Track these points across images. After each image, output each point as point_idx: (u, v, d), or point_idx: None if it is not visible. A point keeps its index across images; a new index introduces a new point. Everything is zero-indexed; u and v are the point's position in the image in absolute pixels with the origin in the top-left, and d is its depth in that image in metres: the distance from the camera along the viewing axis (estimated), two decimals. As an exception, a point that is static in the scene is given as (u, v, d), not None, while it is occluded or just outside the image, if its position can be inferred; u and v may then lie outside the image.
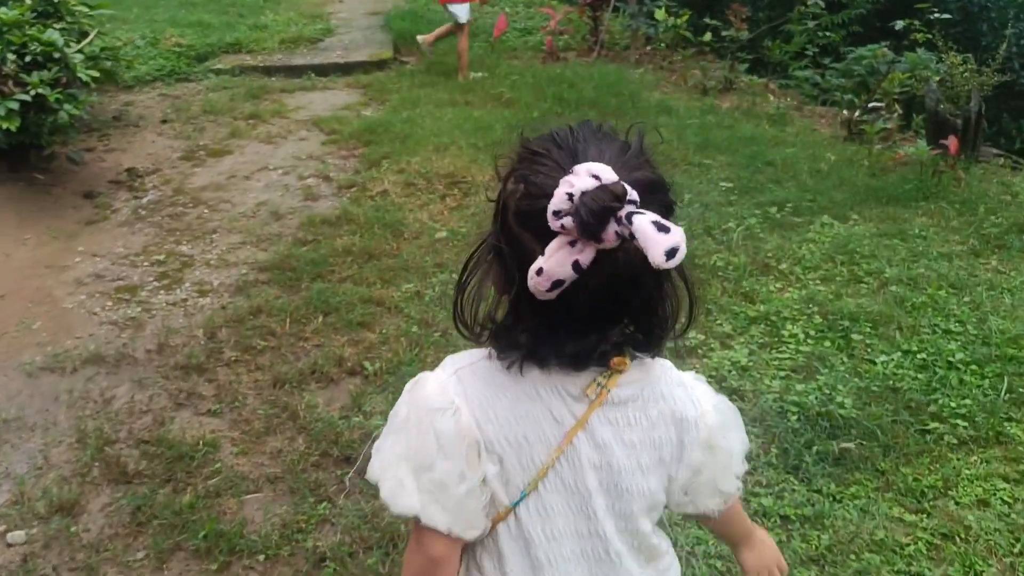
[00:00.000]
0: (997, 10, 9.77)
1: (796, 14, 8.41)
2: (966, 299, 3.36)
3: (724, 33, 6.88)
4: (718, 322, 3.33)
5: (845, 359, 2.99)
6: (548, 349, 1.01)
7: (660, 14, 7.94)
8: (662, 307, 1.02)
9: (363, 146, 5.83)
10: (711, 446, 1.12)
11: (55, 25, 5.21)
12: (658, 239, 0.85)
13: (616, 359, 1.02)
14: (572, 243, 0.90)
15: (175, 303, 3.75)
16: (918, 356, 2.97)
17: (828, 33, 7.84)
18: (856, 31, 8.44)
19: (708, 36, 7.91)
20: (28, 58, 4.79)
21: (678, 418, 1.10)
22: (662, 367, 1.11)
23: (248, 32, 8.63)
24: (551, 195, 0.90)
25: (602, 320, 1.00)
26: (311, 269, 3.94)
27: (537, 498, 1.06)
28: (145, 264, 4.17)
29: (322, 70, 7.79)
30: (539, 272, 0.91)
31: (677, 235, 0.86)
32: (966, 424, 2.60)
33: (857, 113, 5.61)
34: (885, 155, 5.06)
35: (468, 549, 1.11)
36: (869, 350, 3.04)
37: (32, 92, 4.63)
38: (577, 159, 0.94)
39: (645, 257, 0.85)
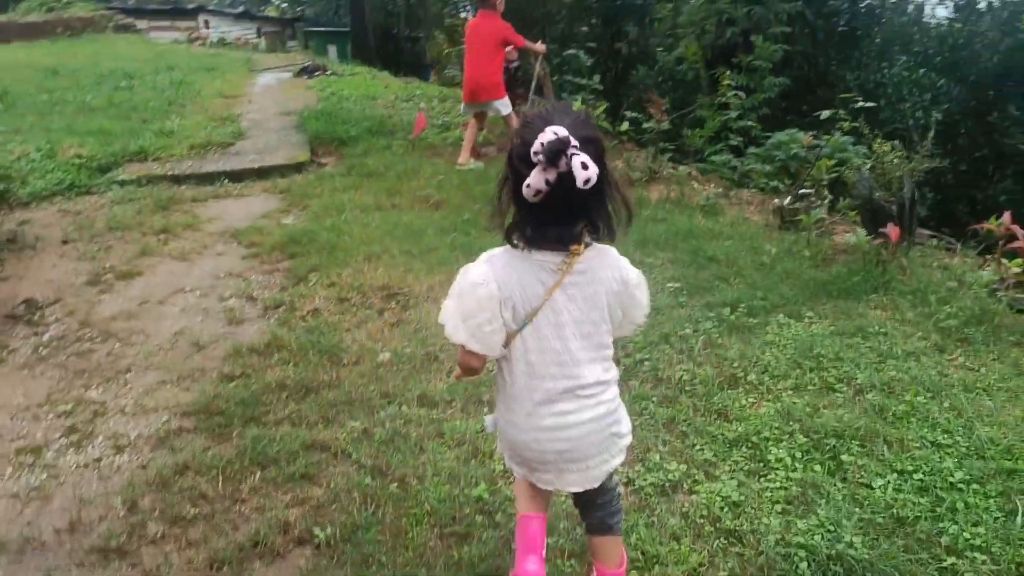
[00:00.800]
0: (893, 86, 10.29)
1: (706, 101, 8.62)
2: (946, 404, 3.23)
3: (645, 125, 6.90)
4: (697, 447, 3.10)
5: (840, 485, 2.79)
6: (539, 234, 1.89)
7: (577, 105, 7.97)
8: (606, 212, 1.89)
9: (288, 259, 5.49)
10: (633, 295, 2.04)
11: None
12: (580, 173, 1.72)
13: (574, 246, 1.89)
14: (544, 169, 1.74)
15: (87, 464, 3.29)
16: (914, 476, 2.79)
17: (746, 122, 8.00)
18: (764, 113, 8.68)
19: (626, 126, 7.97)
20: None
21: (621, 277, 2.01)
22: (612, 253, 2.01)
23: (153, 139, 8.24)
24: (532, 143, 1.76)
25: (569, 217, 1.87)
26: (242, 411, 3.55)
27: (533, 327, 1.95)
28: (50, 416, 3.69)
29: (236, 176, 7.45)
30: (528, 186, 1.76)
31: (592, 171, 1.73)
32: (984, 557, 2.41)
33: (788, 200, 5.62)
34: (824, 244, 5.04)
35: (498, 362, 2.05)
36: (863, 472, 2.85)
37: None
38: (548, 124, 1.78)
39: (587, 180, 1.73)
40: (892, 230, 4.56)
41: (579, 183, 1.72)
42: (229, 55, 19.03)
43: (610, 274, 1.98)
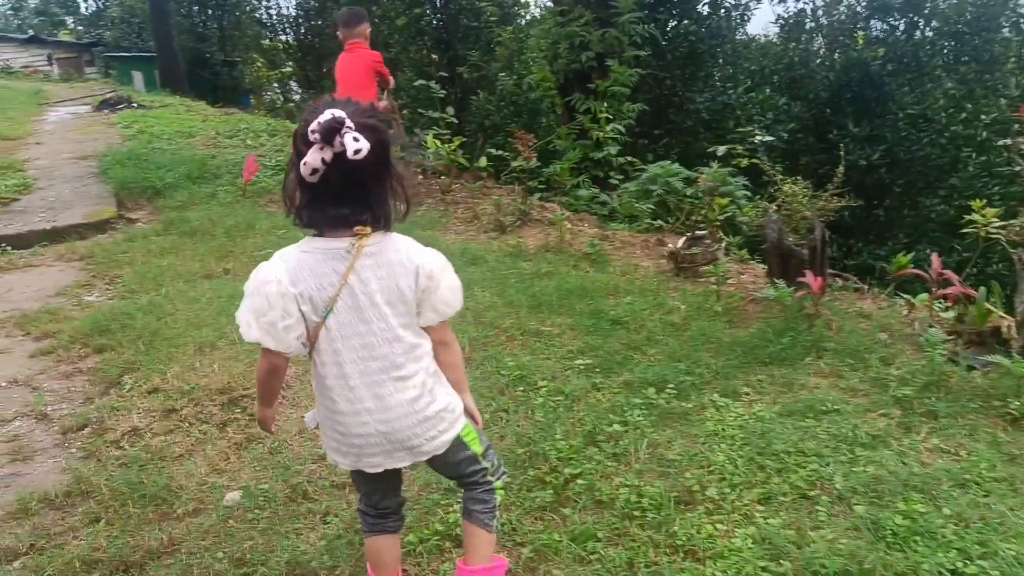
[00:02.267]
0: (740, 107, 10.23)
1: (563, 131, 8.08)
2: (946, 511, 2.69)
3: (514, 163, 6.21)
4: (676, 610, 2.38)
5: (872, 656, 2.15)
6: (319, 214, 1.92)
7: (431, 141, 7.18)
8: (383, 199, 1.94)
9: (94, 354, 4.35)
10: (431, 278, 2.00)
11: None
12: (351, 144, 1.78)
13: (358, 228, 1.92)
14: (320, 147, 1.80)
15: None
16: (956, 632, 2.20)
17: (608, 151, 7.50)
18: (625, 141, 8.23)
19: (484, 161, 7.27)
20: None
21: (412, 262, 1.99)
22: (400, 238, 2.02)
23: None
24: (312, 124, 1.81)
25: (349, 198, 1.90)
26: (31, 622, 2.48)
27: (334, 314, 1.95)
28: None
29: (22, 241, 6.10)
30: (304, 164, 1.82)
31: (363, 144, 1.80)
32: None
33: (682, 243, 5.08)
34: (735, 297, 4.51)
35: (311, 358, 2.03)
36: (894, 633, 2.22)
37: None
38: (329, 108, 1.83)
39: (368, 160, 1.80)
40: (813, 280, 4.08)
41: (349, 153, 1.78)
42: (14, 86, 16.79)
43: (399, 257, 1.98)
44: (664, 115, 9.18)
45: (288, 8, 21.48)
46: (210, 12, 25.79)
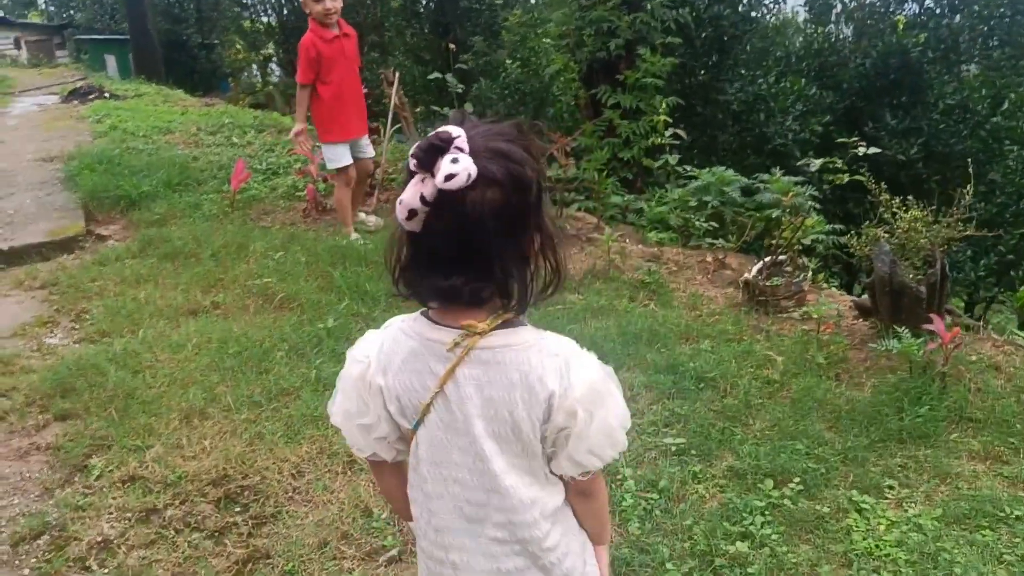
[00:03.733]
0: (774, 98, 9.42)
1: (589, 127, 7.26)
2: None
3: (549, 174, 5.38)
4: None
5: None
6: (420, 283, 1.26)
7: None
8: (519, 268, 1.24)
9: (55, 422, 3.51)
10: (573, 415, 1.26)
11: None
12: (445, 168, 1.14)
13: (469, 322, 1.24)
14: (421, 179, 1.17)
15: None
16: None
17: (641, 148, 6.69)
18: (657, 143, 7.43)
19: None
20: None
21: (544, 386, 1.25)
22: (536, 335, 1.31)
23: None
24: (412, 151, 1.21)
25: (464, 262, 1.21)
26: None
27: (425, 428, 1.32)
28: None
29: (-28, 264, 5.21)
30: (400, 202, 1.19)
31: (461, 168, 1.13)
32: None
33: (757, 271, 4.30)
34: (837, 343, 3.73)
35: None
36: None
37: None
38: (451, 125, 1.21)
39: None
40: (945, 330, 3.31)
41: (438, 180, 1.13)
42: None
43: (521, 375, 1.26)
44: (691, 108, 8.39)
45: (269, -12, 20.41)
46: (185, -8, 24.67)
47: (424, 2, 12.78)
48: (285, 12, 20.30)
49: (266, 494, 2.97)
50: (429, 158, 1.16)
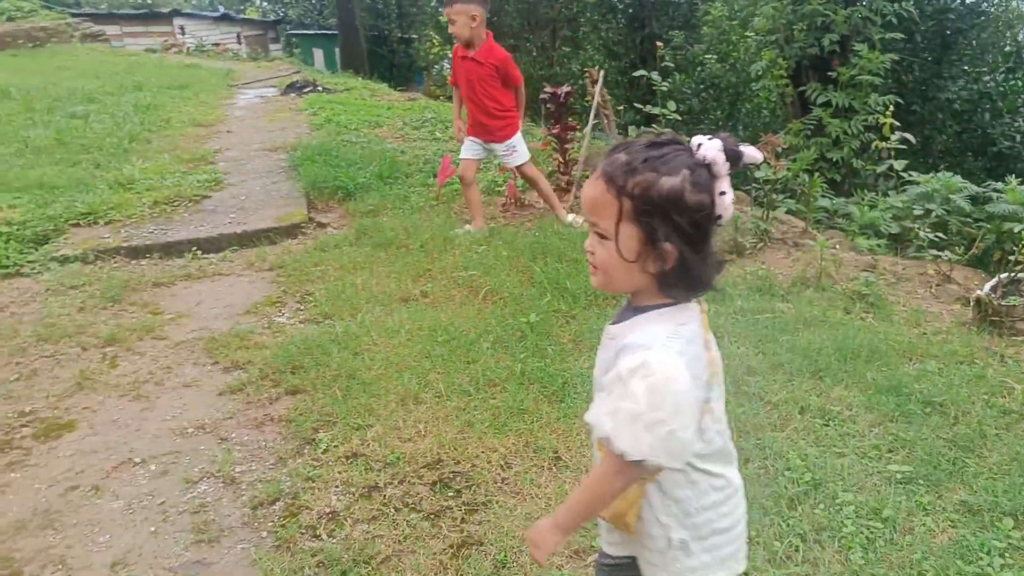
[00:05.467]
0: (1002, 97, 8.61)
1: (796, 126, 6.95)
2: None
3: (759, 175, 5.21)
4: None
5: None
6: (708, 272, 1.44)
7: (634, 133, 6.27)
8: None
9: (286, 396, 3.82)
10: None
11: None
12: (754, 153, 1.42)
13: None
14: (726, 178, 1.40)
15: None
16: None
17: (851, 146, 6.34)
18: (869, 139, 7.01)
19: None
20: None
21: None
22: None
23: (107, 192, 6.52)
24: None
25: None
26: None
27: (713, 391, 1.49)
28: None
29: (211, 244, 5.76)
30: (727, 200, 1.39)
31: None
32: None
33: (990, 287, 3.97)
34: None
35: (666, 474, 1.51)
36: None
37: None
38: (676, 140, 1.47)
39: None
40: None
41: (759, 158, 1.44)
42: (206, 66, 17.25)
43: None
44: (906, 107, 7.83)
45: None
46: (390, -11, 25.92)
47: (621, -4, 12.77)
48: (480, 7, 20.87)
49: (477, 482, 3.09)
50: (738, 158, 1.39)
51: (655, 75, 5.76)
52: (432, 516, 2.95)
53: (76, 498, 3.19)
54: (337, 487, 3.13)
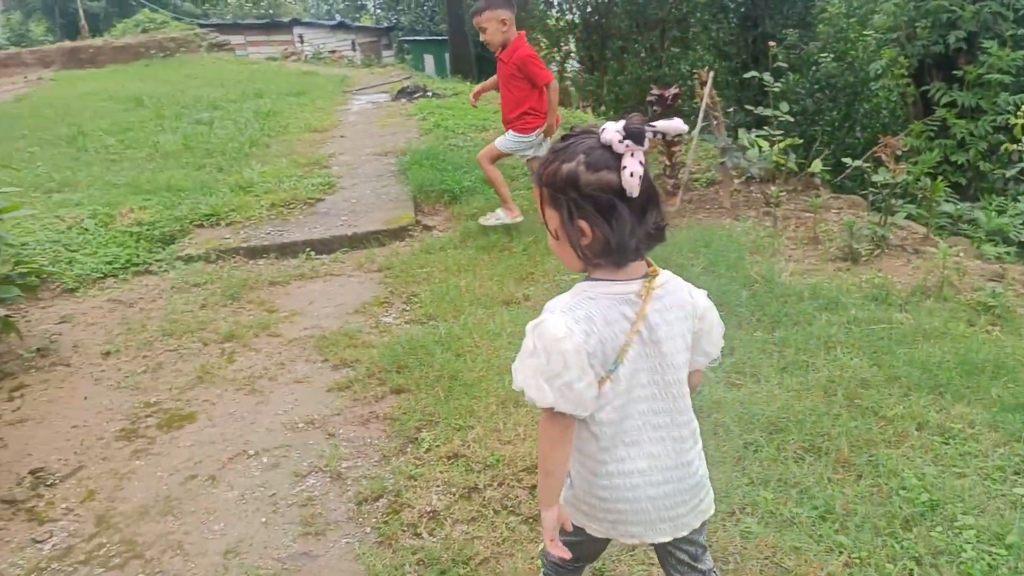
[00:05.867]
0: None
1: (918, 127, 6.62)
2: None
3: (876, 178, 4.98)
4: None
5: None
6: (625, 249, 1.59)
7: (760, 142, 6.08)
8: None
9: (391, 395, 3.92)
10: (703, 318, 1.78)
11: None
12: (675, 124, 1.57)
13: (651, 269, 1.68)
14: (632, 153, 1.53)
15: None
16: None
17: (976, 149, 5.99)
18: (998, 141, 6.60)
19: (819, 166, 6.08)
20: None
21: (692, 301, 1.76)
22: (670, 274, 1.74)
23: (228, 195, 6.85)
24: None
25: (643, 219, 1.60)
26: None
27: (624, 366, 1.64)
28: None
29: (324, 245, 5.97)
30: (631, 174, 1.52)
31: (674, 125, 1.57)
32: None
33: None
34: None
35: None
36: None
37: None
38: (590, 130, 1.66)
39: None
40: None
41: (674, 129, 1.57)
42: (323, 73, 17.89)
43: (681, 298, 1.73)
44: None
45: (575, -13, 21.00)
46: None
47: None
48: (588, 9, 20.82)
49: (576, 488, 3.09)
50: (641, 137, 1.51)
51: (767, 76, 5.60)
52: (531, 520, 2.96)
53: (195, 487, 3.37)
54: (438, 487, 3.18)
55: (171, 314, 5.02)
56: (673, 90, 6.09)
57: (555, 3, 22.45)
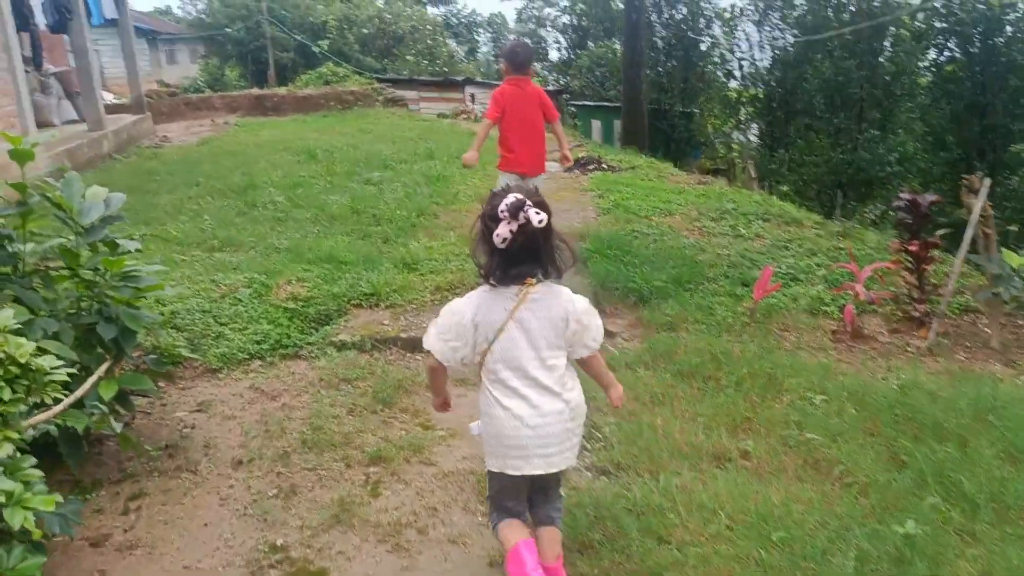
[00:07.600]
0: None
1: None
2: None
3: None
4: None
5: None
6: (505, 273, 2.53)
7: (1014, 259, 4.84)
8: (553, 256, 2.56)
9: (570, 583, 2.98)
10: (580, 321, 2.63)
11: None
12: (534, 216, 2.42)
13: (528, 279, 2.54)
14: (508, 221, 2.42)
15: None
16: None
17: None
18: None
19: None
20: None
21: (566, 308, 2.61)
22: (562, 289, 2.64)
23: (392, 272, 6.23)
24: (499, 206, 2.44)
25: (527, 260, 2.52)
26: None
27: (499, 341, 2.57)
28: None
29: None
30: (497, 235, 2.43)
31: (544, 216, 2.44)
32: None
33: None
34: None
35: (481, 377, 2.70)
36: None
37: None
38: (508, 193, 2.48)
39: (540, 230, 2.45)
40: None
41: (534, 223, 2.42)
42: (494, 135, 17.55)
43: (558, 303, 2.60)
44: None
45: (763, 61, 19.86)
46: (674, 64, 25.47)
47: (957, 76, 10.96)
48: (773, 84, 19.67)
49: None
50: (516, 211, 2.41)
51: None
52: None
53: None
54: None
55: (315, 417, 4.34)
56: (930, 197, 4.95)
57: (738, 76, 21.46)
